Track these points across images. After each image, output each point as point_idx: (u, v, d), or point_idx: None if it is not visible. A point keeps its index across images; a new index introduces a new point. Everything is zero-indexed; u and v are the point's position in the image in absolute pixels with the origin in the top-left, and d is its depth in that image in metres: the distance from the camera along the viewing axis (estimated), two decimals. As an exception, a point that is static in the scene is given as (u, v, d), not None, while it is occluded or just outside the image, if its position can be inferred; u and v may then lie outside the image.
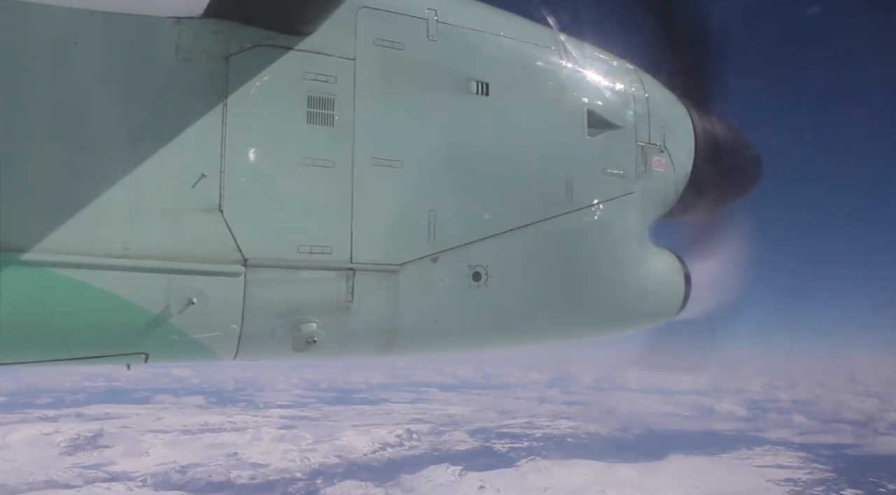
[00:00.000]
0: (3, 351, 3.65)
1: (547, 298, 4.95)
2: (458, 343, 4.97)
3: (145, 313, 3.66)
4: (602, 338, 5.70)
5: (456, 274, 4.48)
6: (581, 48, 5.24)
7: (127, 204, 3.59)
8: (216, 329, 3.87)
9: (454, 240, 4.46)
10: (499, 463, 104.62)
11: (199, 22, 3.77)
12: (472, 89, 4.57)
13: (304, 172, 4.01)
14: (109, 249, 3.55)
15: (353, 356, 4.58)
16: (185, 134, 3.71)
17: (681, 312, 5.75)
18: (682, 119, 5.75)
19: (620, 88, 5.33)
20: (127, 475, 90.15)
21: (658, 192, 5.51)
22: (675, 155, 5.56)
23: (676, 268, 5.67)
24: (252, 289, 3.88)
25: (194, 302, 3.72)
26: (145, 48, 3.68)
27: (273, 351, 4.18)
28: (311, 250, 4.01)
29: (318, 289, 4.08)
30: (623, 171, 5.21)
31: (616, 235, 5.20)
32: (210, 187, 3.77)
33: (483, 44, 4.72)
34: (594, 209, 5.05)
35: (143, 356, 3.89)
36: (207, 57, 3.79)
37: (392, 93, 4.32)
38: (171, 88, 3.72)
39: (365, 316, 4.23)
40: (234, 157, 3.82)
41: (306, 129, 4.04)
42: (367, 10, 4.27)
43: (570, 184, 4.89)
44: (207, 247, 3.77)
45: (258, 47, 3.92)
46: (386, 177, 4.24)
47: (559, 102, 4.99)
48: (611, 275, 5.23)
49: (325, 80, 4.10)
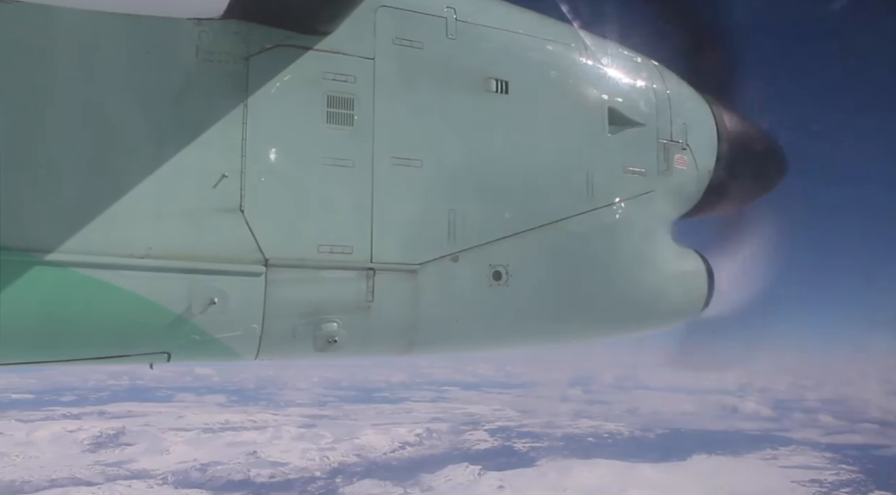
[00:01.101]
0: (30, 350, 3.70)
1: (568, 297, 4.91)
2: (479, 342, 4.95)
3: (167, 313, 3.69)
4: (624, 337, 5.67)
5: (476, 273, 4.46)
6: (601, 45, 5.19)
7: (149, 204, 3.61)
8: (237, 328, 3.89)
9: (474, 240, 4.44)
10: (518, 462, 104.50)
11: (220, 23, 3.79)
12: (492, 88, 4.55)
13: (324, 172, 4.01)
14: (132, 250, 3.58)
15: (374, 355, 4.58)
16: (206, 134, 3.73)
17: (704, 311, 5.69)
18: (705, 116, 5.68)
19: (641, 85, 5.28)
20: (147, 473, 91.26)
21: (680, 190, 5.46)
22: (697, 152, 5.50)
23: (699, 266, 5.61)
24: (273, 288, 3.89)
25: (216, 301, 3.74)
26: (167, 50, 3.70)
27: (294, 350, 4.19)
28: (331, 250, 4.02)
29: (338, 289, 4.08)
30: (644, 169, 5.16)
31: (637, 234, 5.15)
32: (231, 187, 3.78)
33: (502, 42, 4.70)
34: (615, 207, 5.00)
35: (165, 355, 3.92)
36: (228, 57, 3.80)
37: (411, 92, 4.31)
38: (192, 89, 3.74)
39: (385, 315, 4.23)
40: (254, 158, 3.83)
41: (326, 129, 4.04)
42: (386, 10, 4.27)
43: (591, 182, 4.86)
44: (228, 247, 3.78)
45: (278, 47, 3.93)
46: (406, 176, 4.23)
47: (579, 100, 4.95)
48: (632, 274, 5.18)
49: (344, 79, 4.10)
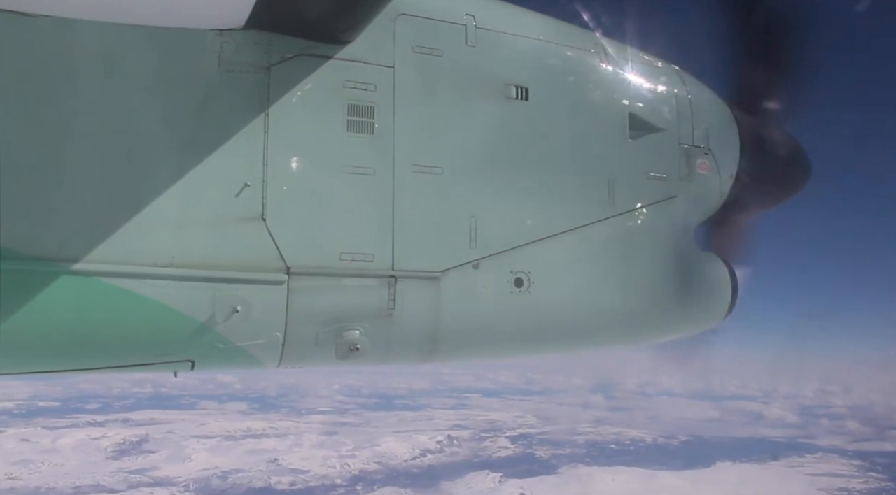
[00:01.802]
0: (57, 359, 3.75)
1: (590, 304, 4.88)
2: (501, 349, 4.94)
3: (191, 321, 3.72)
4: (646, 343, 5.63)
5: (498, 280, 4.45)
6: (622, 50, 5.18)
7: (173, 214, 3.65)
8: (260, 336, 3.91)
9: (496, 246, 4.43)
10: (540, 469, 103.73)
11: (241, 34, 3.83)
12: (512, 94, 4.55)
13: (345, 180, 4.04)
14: (156, 259, 3.61)
15: (396, 363, 4.58)
16: (228, 144, 3.77)
17: (728, 317, 5.63)
18: (727, 120, 5.64)
19: (662, 90, 5.25)
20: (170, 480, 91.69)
21: (702, 195, 5.43)
22: (719, 157, 5.47)
23: (723, 272, 5.56)
24: (295, 297, 3.91)
25: (238, 310, 3.76)
26: (189, 61, 3.75)
27: (316, 358, 4.21)
28: (353, 258, 4.03)
29: (360, 297, 4.10)
30: (666, 174, 5.14)
31: (659, 240, 5.12)
32: (253, 196, 3.81)
33: (522, 48, 4.70)
34: (637, 213, 4.99)
35: (189, 363, 3.95)
36: (249, 68, 3.84)
37: (431, 99, 4.33)
38: (215, 99, 3.78)
39: (407, 323, 4.23)
40: (276, 167, 3.86)
41: (347, 138, 4.06)
42: (406, 18, 4.29)
43: (613, 188, 4.84)
44: (251, 255, 3.81)
45: (299, 57, 3.96)
46: (426, 183, 4.24)
47: (600, 105, 4.94)
48: (654, 281, 5.14)
49: (364, 88, 4.12)
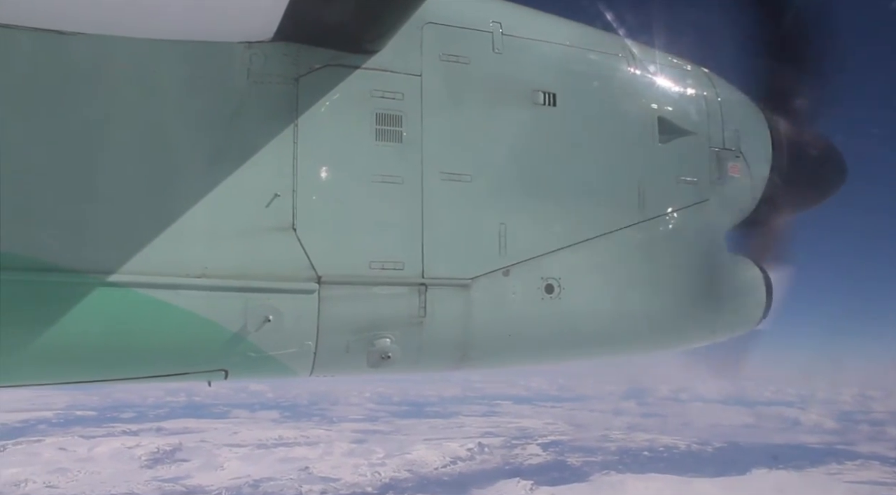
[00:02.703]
0: (93, 369, 3.80)
1: (621, 310, 4.84)
2: (532, 356, 4.91)
3: (224, 331, 3.75)
4: (679, 349, 5.56)
5: (528, 286, 4.43)
6: (649, 54, 5.15)
7: (205, 225, 3.70)
8: (292, 345, 3.93)
9: (526, 253, 4.42)
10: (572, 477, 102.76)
11: (270, 46, 3.87)
12: (539, 100, 4.54)
13: (375, 189, 4.05)
14: (189, 269, 3.66)
15: (427, 370, 4.58)
16: (258, 155, 3.81)
17: (763, 322, 5.54)
18: (758, 123, 5.57)
19: (692, 93, 5.21)
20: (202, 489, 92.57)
21: (734, 199, 5.36)
22: (751, 160, 5.40)
23: (756, 276, 5.48)
24: (326, 305, 3.93)
25: (270, 319, 3.79)
26: (220, 73, 3.81)
27: (348, 366, 4.22)
28: (383, 266, 4.04)
29: (390, 305, 4.10)
30: (697, 178, 5.09)
31: (691, 244, 5.07)
32: (283, 206, 3.84)
33: (549, 54, 4.69)
34: (668, 218, 4.94)
35: (223, 373, 3.98)
36: (278, 79, 3.89)
37: (459, 107, 4.33)
38: (245, 111, 3.82)
39: (438, 330, 4.23)
40: (305, 176, 3.89)
41: (375, 146, 4.08)
42: (433, 26, 4.30)
43: (643, 193, 4.81)
44: (282, 265, 3.84)
45: (326, 67, 4.00)
46: (455, 191, 4.24)
47: (628, 110, 4.91)
48: (687, 286, 5.08)
49: (392, 97, 4.14)
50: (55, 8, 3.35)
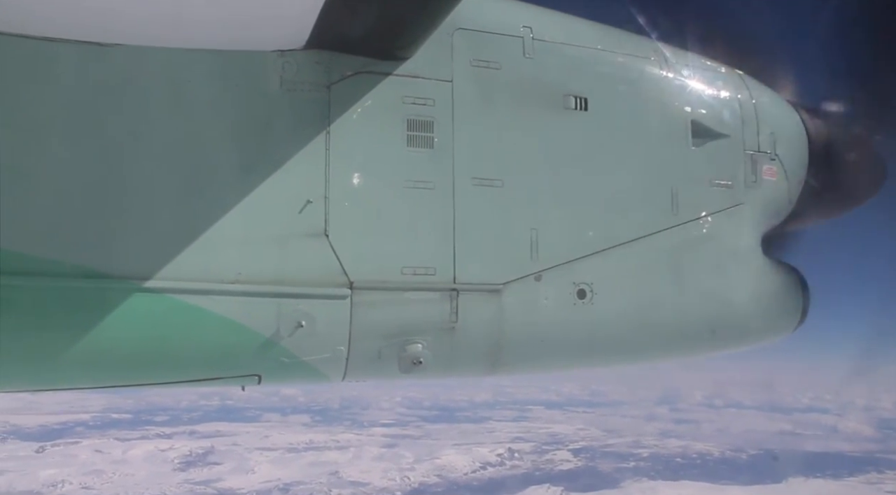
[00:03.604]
0: (129, 373, 3.87)
1: (654, 315, 4.80)
2: (563, 361, 4.88)
3: (257, 336, 3.79)
4: (713, 355, 5.50)
5: (560, 292, 4.41)
6: (682, 57, 5.11)
7: (239, 231, 3.75)
8: (324, 351, 3.96)
9: (557, 258, 4.40)
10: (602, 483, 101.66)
11: (302, 54, 3.92)
12: (571, 105, 4.52)
13: (406, 195, 4.08)
14: (223, 275, 3.71)
15: (458, 376, 4.58)
16: (290, 162, 3.86)
17: (800, 327, 5.45)
18: (794, 124, 5.49)
19: (726, 96, 5.15)
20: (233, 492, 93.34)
21: (769, 202, 5.28)
22: (787, 162, 5.32)
23: (793, 280, 5.39)
24: (358, 311, 3.95)
25: (303, 324, 3.82)
26: (253, 82, 3.86)
27: (380, 372, 4.24)
28: (414, 272, 4.06)
29: (422, 311, 4.11)
30: (731, 182, 5.03)
31: (726, 248, 5.01)
32: (316, 213, 3.88)
33: (580, 58, 4.68)
34: (702, 222, 4.89)
35: (256, 377, 4.03)
36: (310, 86, 3.93)
37: (490, 112, 4.34)
38: (277, 119, 3.87)
39: (469, 336, 4.23)
40: (337, 183, 3.93)
41: (407, 152, 4.10)
42: (463, 32, 4.31)
43: (676, 197, 4.76)
44: (314, 271, 3.88)
45: (358, 75, 4.03)
46: (487, 196, 4.25)
47: (661, 113, 4.87)
48: (721, 290, 5.02)
49: (423, 103, 4.16)
50: (96, 21, 3.44)
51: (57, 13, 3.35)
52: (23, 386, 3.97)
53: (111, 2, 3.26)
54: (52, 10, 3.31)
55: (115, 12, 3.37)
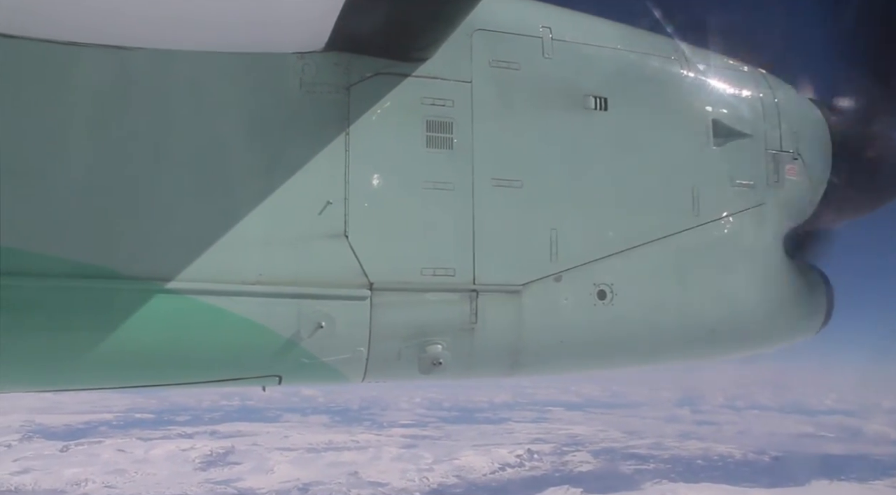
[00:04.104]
0: (151, 374, 3.91)
1: (675, 316, 4.76)
2: (584, 362, 4.85)
3: (278, 337, 3.82)
4: (735, 356, 5.45)
5: (580, 293, 4.40)
6: (703, 56, 5.07)
7: (259, 233, 3.77)
8: (344, 351, 3.98)
9: (577, 259, 4.38)
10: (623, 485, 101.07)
11: (321, 55, 3.94)
12: (591, 105, 4.51)
13: (426, 196, 4.08)
14: (244, 276, 3.73)
15: (478, 377, 4.57)
16: (310, 163, 3.87)
17: (824, 328, 5.38)
18: (817, 123, 5.42)
19: (747, 95, 5.11)
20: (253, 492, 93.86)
21: (792, 202, 5.23)
22: (809, 161, 5.26)
23: (816, 281, 5.33)
24: (378, 312, 3.96)
25: (323, 325, 3.84)
26: (273, 83, 3.88)
27: (399, 372, 4.24)
28: (434, 272, 4.06)
29: (442, 311, 4.11)
30: (753, 181, 4.99)
31: (747, 249, 4.97)
32: (335, 214, 3.89)
33: (599, 58, 4.66)
34: (723, 222, 4.85)
35: (277, 378, 4.05)
36: (329, 88, 3.94)
37: (509, 113, 4.33)
38: (297, 120, 3.89)
39: (489, 337, 4.22)
40: (357, 184, 3.94)
41: (426, 153, 4.11)
42: (482, 33, 4.31)
43: (697, 197, 4.73)
44: (334, 272, 3.89)
45: (377, 76, 4.04)
46: (506, 197, 4.24)
47: (682, 113, 4.84)
48: (743, 291, 4.99)
49: (442, 104, 4.16)
50: (118, 25, 3.47)
51: (81, 18, 3.39)
52: (47, 386, 4.03)
53: (133, 7, 3.30)
54: (76, 15, 3.36)
55: (136, 17, 3.40)
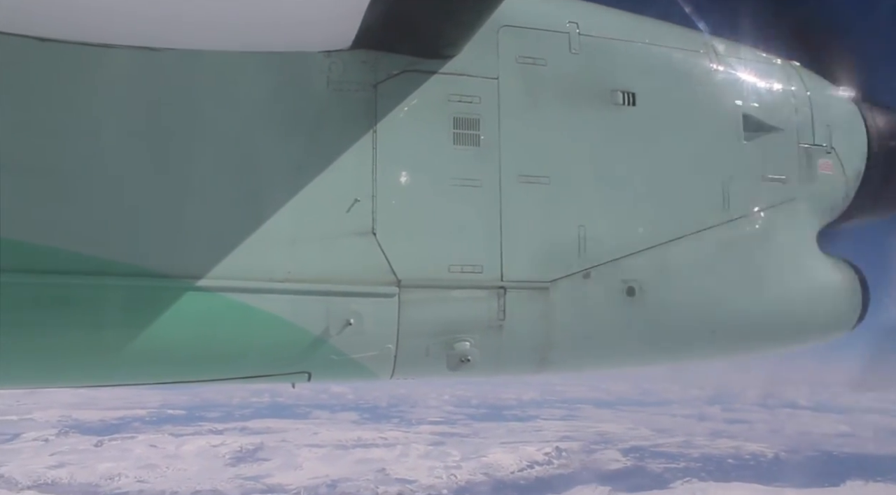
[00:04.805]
0: (183, 370, 3.96)
1: (705, 313, 4.72)
2: (612, 359, 4.83)
3: (307, 334, 3.85)
4: (766, 353, 5.39)
5: (609, 289, 4.37)
6: (734, 49, 5.01)
7: (288, 231, 3.80)
8: (373, 348, 3.99)
9: (606, 255, 4.36)
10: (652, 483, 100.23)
11: (348, 54, 3.96)
12: (618, 100, 4.47)
13: (453, 193, 4.08)
14: (273, 274, 3.76)
15: (506, 374, 4.57)
16: (338, 161, 3.90)
17: (858, 325, 5.29)
18: (852, 117, 5.33)
19: (779, 88, 5.03)
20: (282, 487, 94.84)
21: (825, 197, 5.15)
22: (844, 155, 5.17)
23: (851, 277, 5.23)
24: (406, 309, 3.97)
25: (351, 322, 3.86)
26: (300, 82, 3.91)
27: (428, 369, 4.25)
28: (462, 269, 4.06)
29: (470, 308, 4.11)
30: (785, 176, 4.93)
31: (779, 244, 4.90)
32: (363, 211, 3.91)
33: (627, 53, 4.62)
34: (754, 218, 4.79)
35: (306, 375, 4.08)
36: (357, 86, 3.96)
37: (536, 109, 4.31)
38: (325, 119, 3.92)
39: (517, 334, 4.21)
40: (384, 181, 3.95)
41: (453, 150, 4.11)
42: (509, 29, 4.30)
43: (727, 192, 4.67)
44: (362, 269, 3.91)
45: (404, 73, 4.05)
46: (534, 193, 4.22)
47: (711, 107, 4.78)
48: (774, 288, 4.92)
49: (469, 100, 4.16)
50: (149, 27, 3.53)
51: (113, 22, 3.44)
52: (82, 382, 4.11)
53: (163, 9, 3.34)
54: (109, 18, 3.41)
55: (166, 19, 3.45)
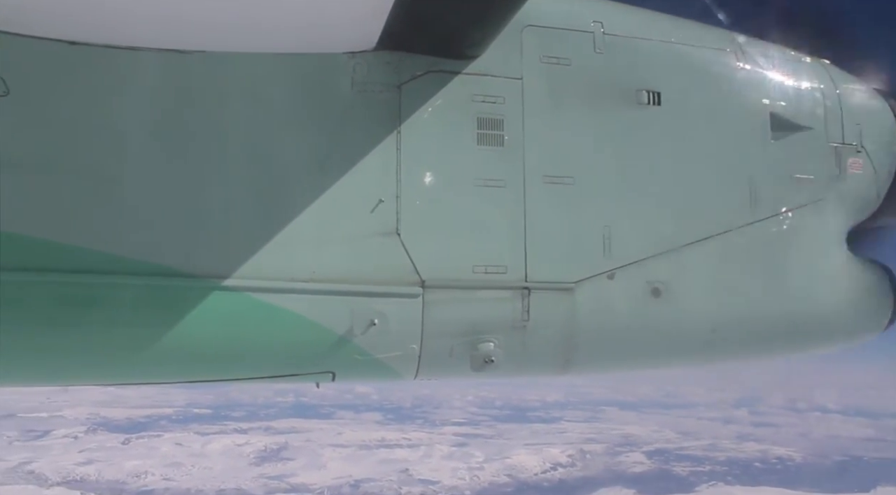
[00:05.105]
0: (208, 369, 4.00)
1: (732, 314, 4.66)
2: (637, 360, 4.80)
3: (331, 334, 3.86)
4: (793, 356, 5.32)
5: (634, 290, 4.33)
6: (761, 47, 4.95)
7: (312, 231, 3.82)
8: (397, 349, 4.00)
9: (631, 256, 4.32)
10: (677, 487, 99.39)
11: (372, 55, 3.97)
12: (643, 99, 4.44)
13: (477, 193, 4.07)
14: (298, 274, 3.78)
15: (530, 375, 4.56)
16: (362, 162, 3.90)
17: (890, 327, 5.19)
18: (883, 115, 5.24)
19: (807, 87, 4.96)
20: (306, 487, 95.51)
21: (855, 196, 5.07)
22: (874, 154, 5.09)
23: (881, 278, 5.14)
24: (430, 309, 3.97)
25: (376, 323, 3.87)
26: (325, 83, 3.93)
27: (452, 370, 4.25)
28: (486, 270, 4.05)
29: (494, 309, 4.10)
30: (814, 176, 4.85)
31: (808, 245, 4.83)
32: (387, 212, 3.92)
33: (652, 52, 4.58)
34: (782, 218, 4.72)
35: (330, 375, 4.09)
36: (381, 87, 3.97)
37: (560, 109, 4.29)
38: (349, 120, 3.93)
39: (541, 335, 4.19)
40: (409, 182, 3.96)
41: (477, 151, 4.10)
42: (532, 29, 4.28)
43: (755, 192, 4.61)
44: (387, 269, 3.91)
45: (428, 74, 4.05)
46: (558, 194, 4.20)
47: (738, 106, 4.73)
48: (803, 289, 4.84)
49: (493, 101, 4.15)
50: (176, 30, 3.57)
51: (142, 25, 3.50)
52: (110, 380, 4.17)
53: (191, 12, 3.38)
54: (137, 22, 3.46)
55: (194, 21, 3.49)
